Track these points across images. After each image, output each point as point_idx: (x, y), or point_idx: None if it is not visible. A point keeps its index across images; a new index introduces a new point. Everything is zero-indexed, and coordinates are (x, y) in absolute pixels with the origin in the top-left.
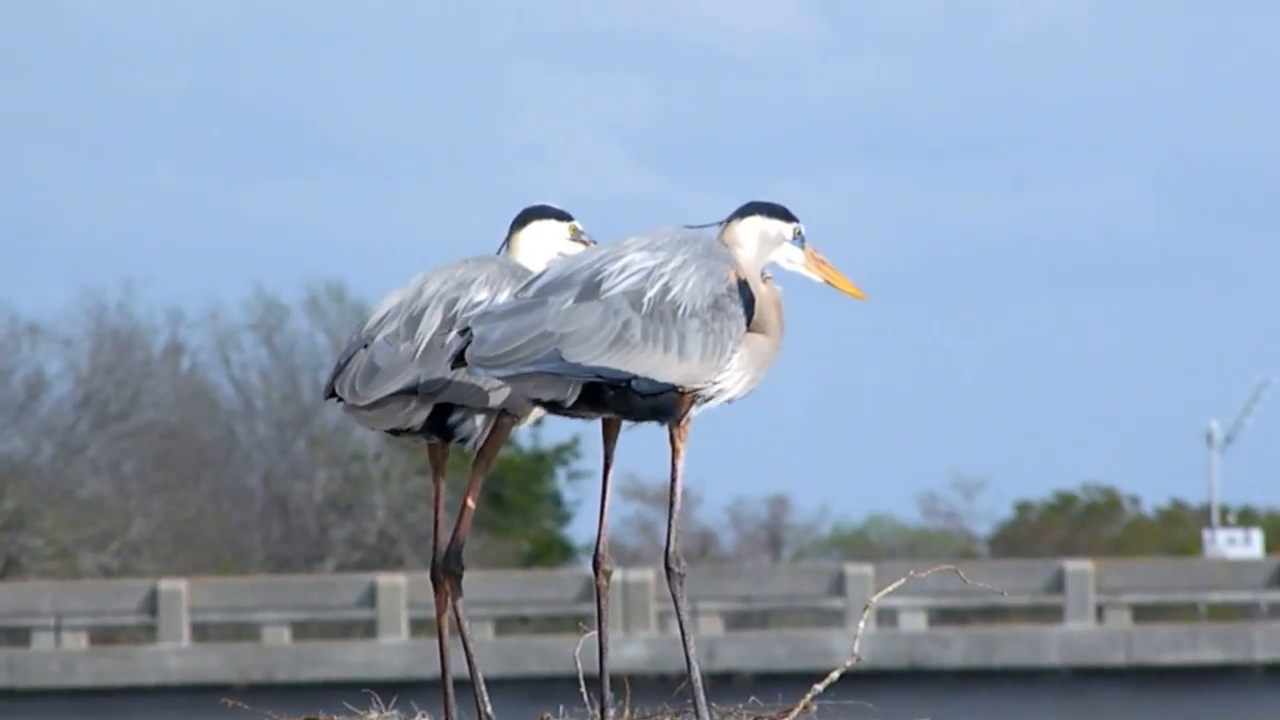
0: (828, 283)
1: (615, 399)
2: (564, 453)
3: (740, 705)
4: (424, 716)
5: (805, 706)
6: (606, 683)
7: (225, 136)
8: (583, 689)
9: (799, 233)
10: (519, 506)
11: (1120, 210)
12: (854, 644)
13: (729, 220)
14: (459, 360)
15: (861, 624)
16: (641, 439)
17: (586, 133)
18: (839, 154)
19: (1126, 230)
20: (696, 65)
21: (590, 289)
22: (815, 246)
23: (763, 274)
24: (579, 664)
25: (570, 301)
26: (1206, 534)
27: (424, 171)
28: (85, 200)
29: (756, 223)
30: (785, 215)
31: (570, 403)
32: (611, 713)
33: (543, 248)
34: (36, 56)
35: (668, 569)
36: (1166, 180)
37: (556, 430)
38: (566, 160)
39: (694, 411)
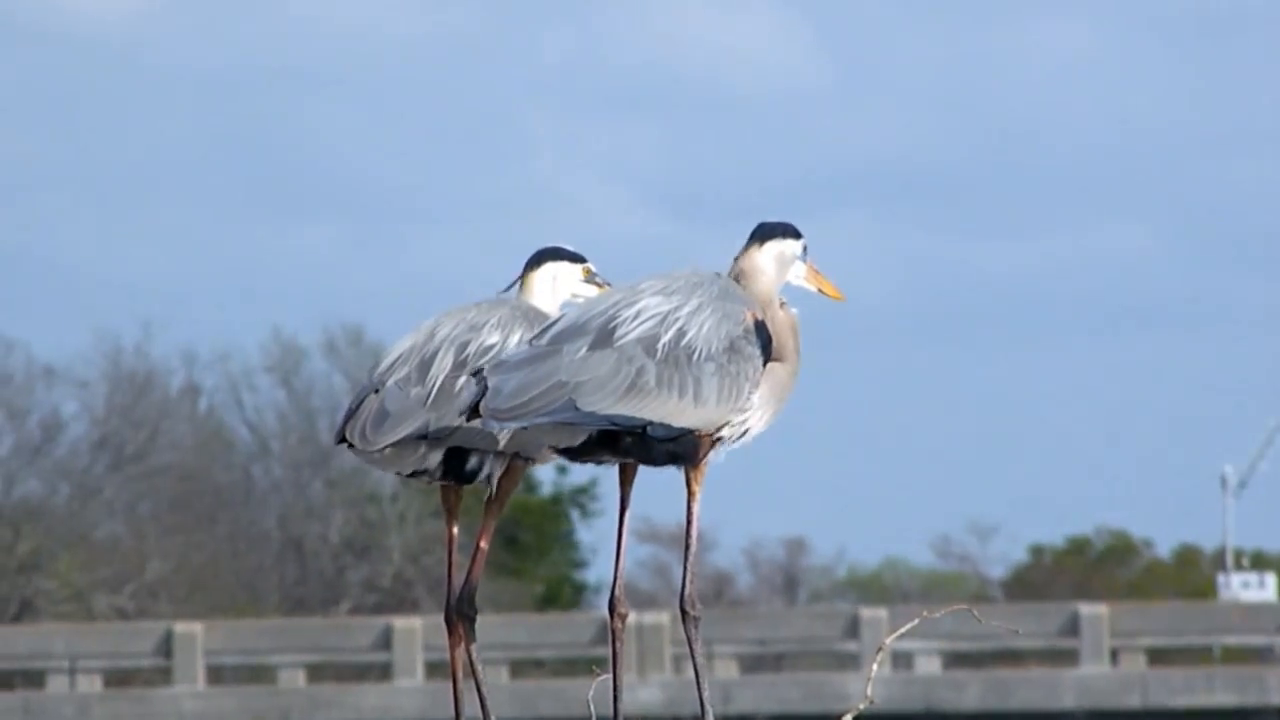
0: (820, 291)
1: (633, 446)
2: (580, 496)
3: None
4: None
5: None
6: None
7: (242, 180)
8: None
9: (805, 248)
10: (535, 549)
11: (1133, 255)
12: (866, 686)
13: (747, 246)
14: (474, 412)
15: (874, 666)
16: (657, 481)
17: (598, 176)
18: (848, 197)
19: (1139, 275)
20: (706, 109)
21: (604, 336)
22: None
23: (780, 300)
24: (592, 707)
25: (584, 350)
26: (1221, 577)
27: (438, 214)
28: (102, 243)
29: (776, 246)
30: (795, 233)
31: (585, 451)
32: None
33: (556, 289)
34: (54, 101)
35: (683, 612)
36: (1179, 225)
37: (574, 473)
38: (578, 203)
39: (715, 456)
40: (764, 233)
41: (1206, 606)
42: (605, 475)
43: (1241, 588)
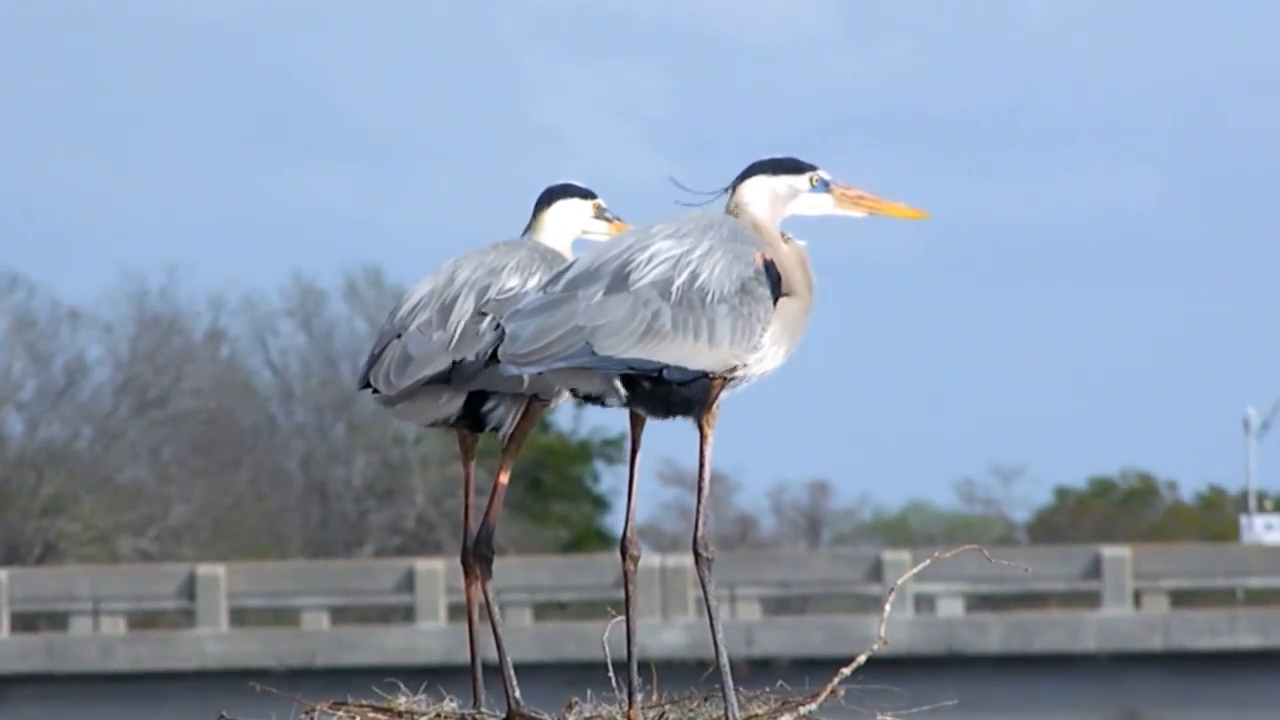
0: (873, 214)
1: (648, 392)
2: (607, 447)
3: (769, 689)
4: (452, 701)
5: (833, 691)
6: (634, 667)
7: (252, 126)
8: (611, 674)
9: (817, 180)
10: (558, 494)
11: (1157, 197)
12: (880, 628)
13: (733, 185)
14: (493, 358)
15: (887, 608)
16: (678, 424)
17: (604, 117)
18: (858, 140)
19: (1164, 217)
20: (711, 50)
21: (619, 280)
22: (848, 185)
23: (783, 234)
24: (607, 649)
25: (600, 294)
26: (1244, 519)
27: (449, 157)
28: (123, 188)
29: (761, 183)
30: (794, 167)
31: (619, 403)
32: (639, 697)
33: (567, 227)
34: (77, 48)
35: (696, 554)
36: (1202, 167)
37: (595, 419)
38: (585, 144)
39: (725, 394)
40: (750, 169)
41: (1229, 549)
42: (626, 420)
43: (1265, 530)
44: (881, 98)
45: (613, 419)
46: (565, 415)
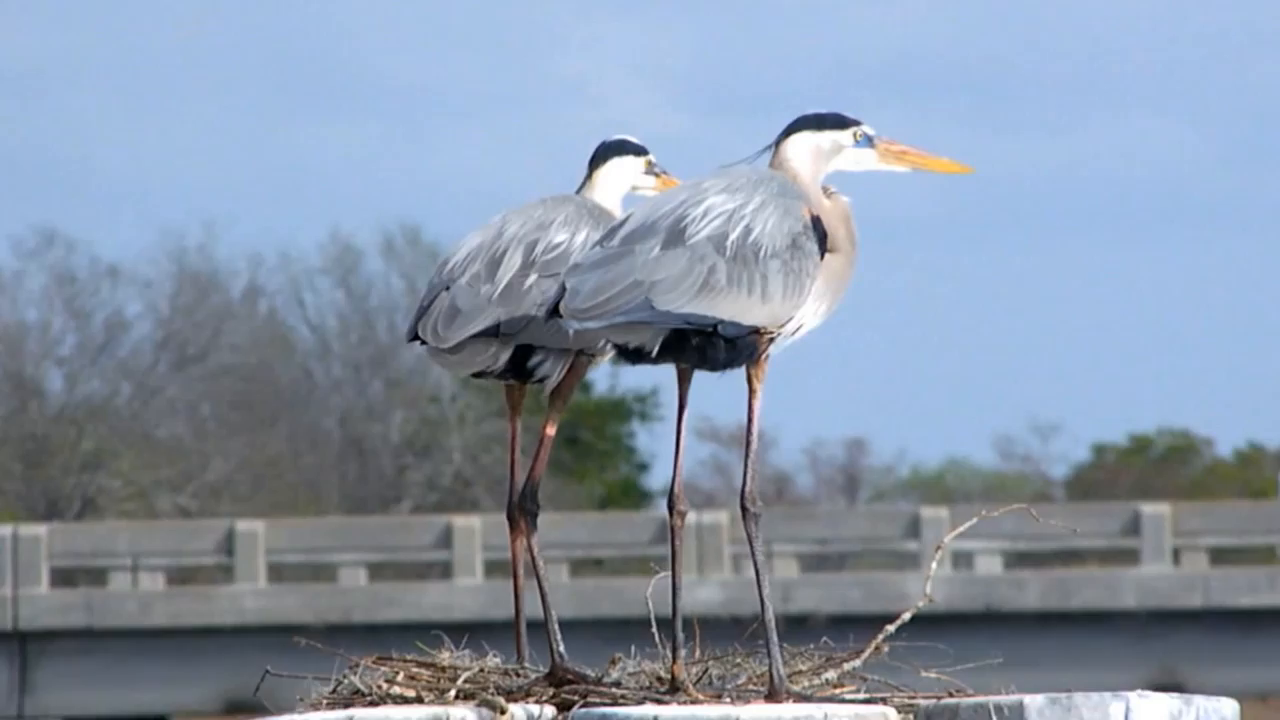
0: (917, 169)
1: (699, 346)
2: (641, 402)
3: (812, 646)
4: (496, 656)
5: (877, 648)
6: (679, 623)
7: (295, 82)
8: (655, 630)
9: (861, 135)
10: (594, 451)
11: (1194, 149)
12: (925, 585)
13: (777, 141)
14: (553, 313)
15: (933, 565)
16: (716, 380)
17: (633, 70)
18: (887, 93)
19: (1202, 170)
20: (736, 3)
21: (675, 235)
22: (892, 139)
23: (825, 189)
24: (650, 605)
25: (657, 249)
26: None
27: (485, 113)
28: (165, 143)
29: (805, 139)
30: (839, 122)
31: (654, 352)
32: (683, 653)
33: (621, 182)
34: (113, 4)
35: (743, 509)
36: (1241, 118)
37: (633, 378)
38: (614, 97)
39: (771, 349)
40: (794, 124)
41: (1269, 506)
42: (664, 380)
43: None
44: (909, 51)
45: (649, 376)
46: (602, 373)
